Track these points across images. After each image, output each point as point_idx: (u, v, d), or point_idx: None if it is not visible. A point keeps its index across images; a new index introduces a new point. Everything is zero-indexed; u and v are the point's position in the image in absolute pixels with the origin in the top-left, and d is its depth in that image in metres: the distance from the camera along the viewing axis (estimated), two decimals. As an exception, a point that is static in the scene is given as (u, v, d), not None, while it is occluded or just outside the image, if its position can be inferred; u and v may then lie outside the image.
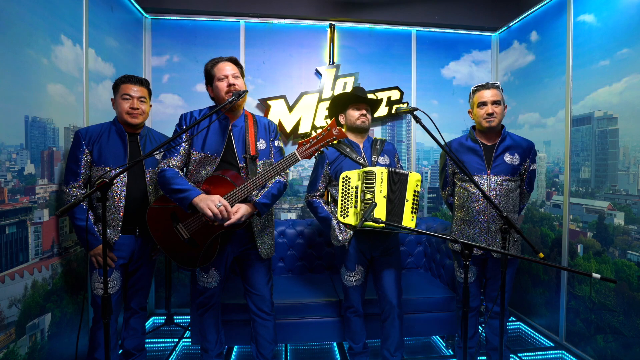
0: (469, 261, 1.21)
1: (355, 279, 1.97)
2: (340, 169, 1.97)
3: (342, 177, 1.88)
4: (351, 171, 1.87)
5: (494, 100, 1.88)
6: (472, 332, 2.07)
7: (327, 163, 2.01)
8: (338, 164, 1.99)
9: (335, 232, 1.95)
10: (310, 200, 2.05)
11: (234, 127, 1.76)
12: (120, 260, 1.84)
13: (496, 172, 1.90)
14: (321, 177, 2.02)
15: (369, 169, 1.79)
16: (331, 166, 2.00)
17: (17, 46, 1.62)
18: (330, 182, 2.04)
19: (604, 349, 2.14)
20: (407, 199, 1.79)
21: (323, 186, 2.04)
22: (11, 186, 1.61)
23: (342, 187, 1.88)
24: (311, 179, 2.08)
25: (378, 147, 2.05)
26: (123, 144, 1.86)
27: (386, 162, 2.02)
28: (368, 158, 2.00)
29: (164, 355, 2.34)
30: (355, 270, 1.96)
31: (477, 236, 1.92)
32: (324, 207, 2.02)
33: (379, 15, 3.07)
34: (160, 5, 2.89)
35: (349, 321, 2.07)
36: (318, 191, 2.04)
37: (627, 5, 2.04)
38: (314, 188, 2.04)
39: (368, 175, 1.78)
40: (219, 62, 1.72)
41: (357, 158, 1.96)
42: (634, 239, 2.00)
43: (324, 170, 2.02)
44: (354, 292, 2.00)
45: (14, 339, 1.60)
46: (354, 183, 1.83)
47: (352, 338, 2.09)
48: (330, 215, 1.99)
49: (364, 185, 1.78)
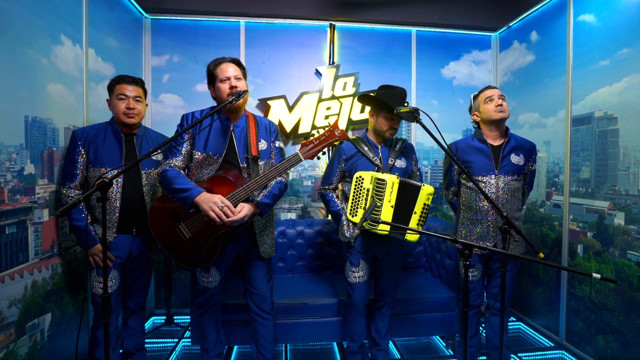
0: (468, 261, 1.21)
1: (359, 275, 1.96)
2: (355, 167, 1.96)
3: (356, 176, 1.87)
4: (365, 172, 1.85)
5: (500, 95, 1.95)
6: (473, 331, 2.07)
7: (343, 159, 2.00)
8: (354, 161, 1.98)
9: (343, 228, 1.96)
10: (323, 192, 2.06)
11: (236, 128, 1.76)
12: (117, 259, 1.84)
13: (504, 172, 1.93)
14: (337, 171, 2.02)
15: (381, 177, 1.76)
16: (347, 163, 2.00)
17: (17, 46, 1.62)
18: (344, 178, 2.03)
19: (604, 349, 2.14)
20: (416, 211, 1.75)
21: (337, 180, 2.04)
22: (11, 186, 1.61)
23: (355, 186, 1.87)
24: (326, 171, 2.08)
25: (397, 148, 2.00)
26: (119, 144, 1.86)
27: (402, 166, 1.98)
28: (385, 160, 1.97)
29: (164, 355, 2.34)
30: (360, 265, 1.96)
31: (485, 235, 1.93)
32: (336, 201, 2.02)
33: (379, 15, 3.07)
34: (160, 5, 2.89)
35: (349, 321, 2.07)
36: (332, 184, 2.04)
37: (627, 5, 2.04)
38: (328, 181, 2.04)
39: (379, 183, 1.76)
40: (222, 63, 1.72)
41: (374, 159, 1.94)
42: (634, 239, 2.00)
43: (340, 165, 2.01)
44: (357, 290, 1.98)
45: (13, 339, 1.60)
46: (367, 185, 1.81)
47: (351, 337, 2.10)
48: (341, 210, 1.99)
49: (375, 192, 1.77)
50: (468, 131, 3.26)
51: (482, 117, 1.99)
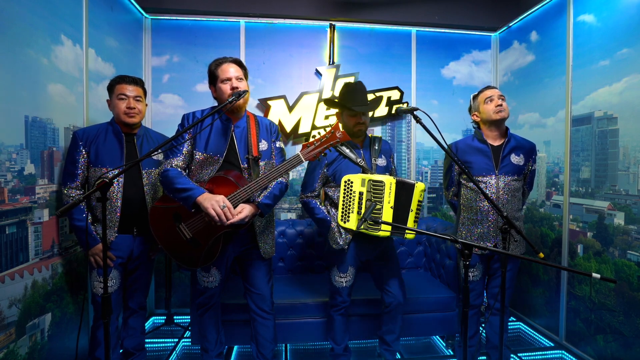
0: (468, 261, 1.22)
1: (346, 280, 1.97)
2: (340, 170, 1.93)
3: (344, 180, 1.83)
4: (354, 175, 1.82)
5: (500, 95, 1.95)
6: (473, 331, 2.07)
7: (325, 164, 1.96)
8: (337, 165, 1.95)
9: (334, 235, 1.91)
10: (306, 200, 2.00)
11: (236, 128, 1.76)
12: (118, 259, 1.84)
13: (504, 172, 1.93)
14: (319, 177, 1.97)
15: (378, 178, 1.75)
16: (329, 167, 1.96)
17: (17, 46, 1.62)
18: (327, 183, 2.00)
19: (604, 349, 2.14)
20: (412, 208, 1.77)
21: (320, 186, 2.00)
22: (11, 186, 1.61)
23: (344, 190, 1.83)
24: (306, 178, 2.02)
25: (376, 147, 2.02)
26: (120, 144, 1.86)
27: (383, 164, 2.00)
28: (368, 160, 1.97)
29: (164, 355, 2.34)
30: (348, 271, 1.96)
31: (485, 235, 1.93)
32: (321, 208, 1.97)
33: (379, 15, 3.07)
34: (160, 5, 2.89)
35: (333, 320, 2.06)
36: (314, 191, 1.98)
37: (627, 5, 2.04)
38: (310, 188, 1.98)
39: (377, 185, 1.74)
40: (223, 63, 1.72)
41: (358, 160, 1.93)
42: (634, 239, 2.00)
43: (322, 170, 1.97)
44: (342, 292, 1.99)
45: (14, 339, 1.60)
46: (357, 188, 1.78)
47: (334, 338, 2.07)
48: (328, 217, 1.95)
49: (373, 195, 1.75)
50: (468, 131, 3.26)
51: (481, 117, 1.99)
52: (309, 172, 2.01)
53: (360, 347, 2.49)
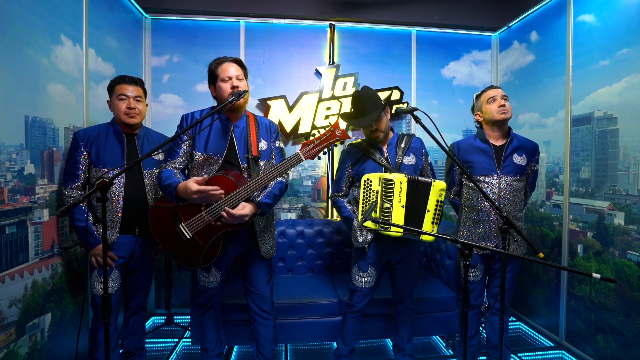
0: (468, 261, 1.21)
1: (366, 281, 1.93)
2: (362, 170, 1.91)
3: (364, 179, 1.82)
4: (373, 174, 1.81)
5: (503, 95, 1.94)
6: (473, 331, 2.07)
7: (349, 164, 1.97)
8: (360, 165, 1.93)
9: (356, 233, 1.92)
10: (334, 199, 2.04)
11: (236, 128, 1.76)
12: (120, 259, 1.84)
13: (506, 172, 1.93)
14: (344, 177, 1.99)
15: (388, 176, 1.74)
16: (353, 167, 1.96)
17: (17, 46, 1.62)
18: (354, 183, 2.00)
19: (604, 349, 2.14)
20: (429, 209, 1.72)
21: (347, 186, 2.02)
22: (11, 186, 1.61)
23: (364, 189, 1.82)
24: (335, 178, 2.06)
25: (404, 145, 1.94)
26: (121, 145, 1.86)
27: (411, 162, 1.93)
28: (392, 158, 1.92)
29: (164, 355, 2.34)
30: (368, 271, 1.93)
31: (487, 235, 1.93)
32: (347, 206, 1.98)
33: (379, 15, 3.07)
34: (160, 5, 2.89)
35: (346, 321, 2.05)
36: (342, 191, 2.01)
37: (627, 5, 2.04)
38: (337, 188, 2.02)
39: (387, 183, 1.73)
40: (224, 63, 1.72)
41: (380, 159, 1.90)
42: (634, 239, 2.00)
43: (347, 171, 1.98)
44: (360, 295, 1.96)
45: (14, 339, 1.60)
46: (375, 187, 1.77)
47: (343, 338, 2.06)
48: (352, 215, 1.96)
49: (383, 194, 1.74)
50: (468, 131, 3.26)
51: (484, 117, 1.98)
52: (337, 171, 2.06)
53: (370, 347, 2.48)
